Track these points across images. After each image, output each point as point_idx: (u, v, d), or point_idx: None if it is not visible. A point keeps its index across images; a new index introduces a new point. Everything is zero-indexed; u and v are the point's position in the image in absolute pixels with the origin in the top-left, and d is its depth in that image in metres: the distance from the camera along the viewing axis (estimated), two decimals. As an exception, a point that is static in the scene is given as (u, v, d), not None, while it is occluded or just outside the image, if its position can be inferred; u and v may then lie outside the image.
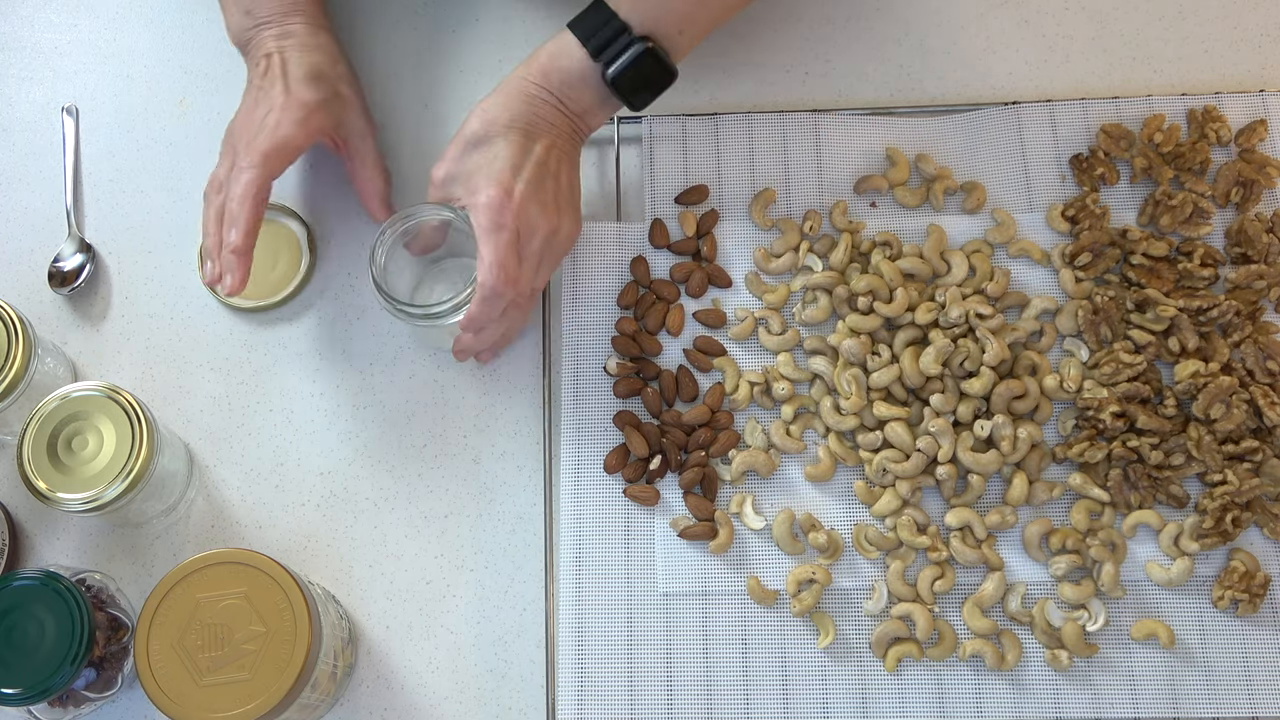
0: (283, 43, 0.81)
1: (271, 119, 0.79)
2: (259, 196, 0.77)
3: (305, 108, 0.79)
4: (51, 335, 0.87)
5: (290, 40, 0.81)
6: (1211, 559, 0.80)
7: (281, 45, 0.81)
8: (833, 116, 0.90)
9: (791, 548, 0.80)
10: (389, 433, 0.85)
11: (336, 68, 0.83)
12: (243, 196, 0.77)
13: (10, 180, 0.92)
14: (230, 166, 0.79)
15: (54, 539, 0.83)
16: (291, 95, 0.79)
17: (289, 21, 0.82)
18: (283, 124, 0.78)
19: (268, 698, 0.67)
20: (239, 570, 0.69)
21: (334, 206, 0.90)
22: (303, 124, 0.79)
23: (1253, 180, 0.86)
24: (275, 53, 0.81)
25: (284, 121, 0.78)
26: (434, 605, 0.81)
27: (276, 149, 0.78)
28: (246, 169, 0.77)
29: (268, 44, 0.81)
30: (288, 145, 0.78)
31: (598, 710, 0.78)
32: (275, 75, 0.80)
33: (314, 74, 0.81)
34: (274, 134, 0.78)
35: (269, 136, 0.78)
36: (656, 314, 0.85)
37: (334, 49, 0.84)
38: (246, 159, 0.78)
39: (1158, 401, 0.82)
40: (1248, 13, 0.95)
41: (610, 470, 0.82)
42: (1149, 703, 0.77)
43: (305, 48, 0.82)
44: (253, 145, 0.78)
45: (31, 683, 0.70)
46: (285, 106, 0.79)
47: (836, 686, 0.78)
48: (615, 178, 0.90)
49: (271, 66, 0.81)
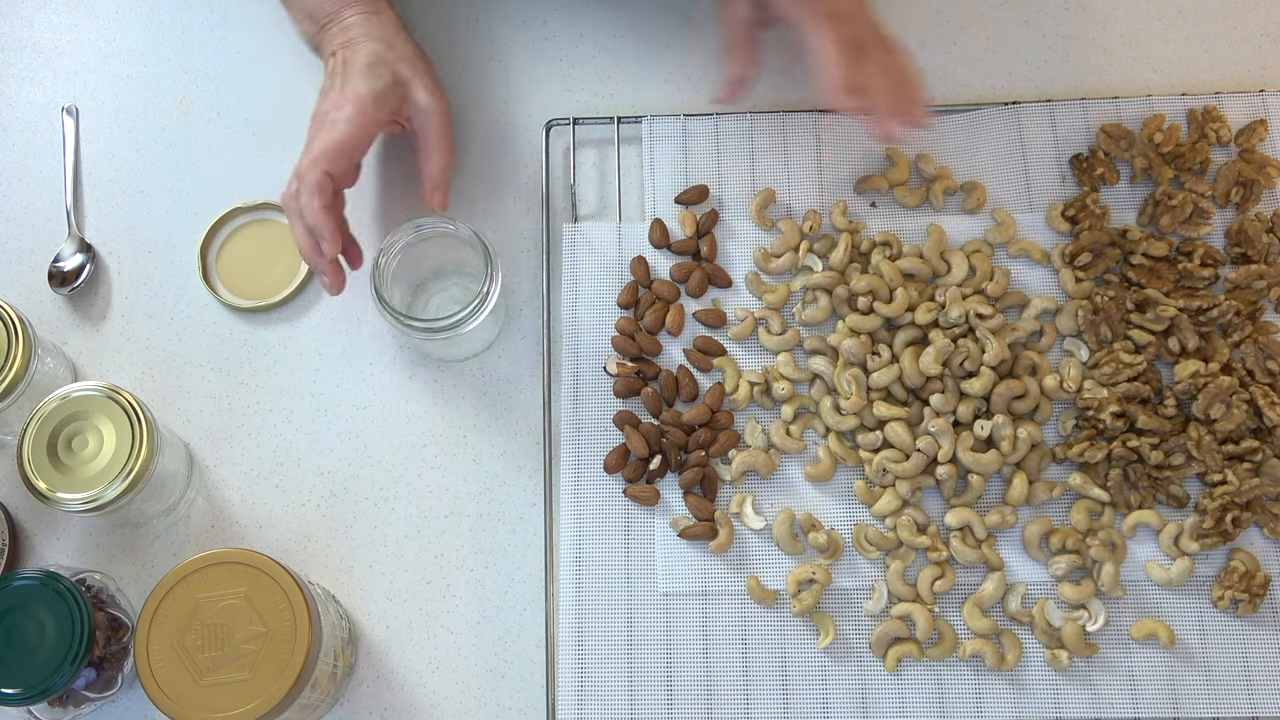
0: (345, 37, 0.82)
1: (330, 117, 0.80)
2: (324, 198, 0.78)
3: (359, 101, 0.80)
4: (51, 335, 0.87)
5: (350, 34, 0.82)
6: (1211, 559, 0.80)
7: (343, 41, 0.82)
8: (833, 116, 0.90)
9: (791, 548, 0.80)
10: (389, 433, 0.85)
11: (394, 49, 0.83)
12: (310, 205, 0.78)
13: (10, 180, 0.92)
14: (307, 151, 0.80)
15: (54, 539, 0.83)
16: (347, 90, 0.80)
17: (346, 16, 0.83)
18: (338, 122, 0.79)
19: (268, 698, 0.67)
20: (239, 570, 0.69)
21: (334, 206, 0.90)
22: (356, 119, 0.80)
23: (1253, 180, 0.86)
24: (339, 49, 0.82)
25: (339, 120, 0.79)
26: (434, 605, 0.81)
27: (330, 150, 0.79)
28: (307, 172, 0.79)
29: (332, 42, 0.83)
30: (344, 143, 0.79)
31: (598, 710, 0.78)
32: (337, 73, 0.82)
33: (370, 63, 0.81)
34: (329, 134, 0.79)
35: (324, 137, 0.79)
36: (656, 314, 0.85)
37: (390, 29, 0.84)
38: (304, 162, 0.79)
39: (1158, 401, 0.82)
40: (1248, 13, 0.95)
41: (610, 470, 0.82)
42: (1149, 703, 0.77)
43: (363, 38, 0.82)
44: (310, 148, 0.80)
45: (31, 683, 0.70)
46: (339, 104, 0.80)
47: (836, 686, 0.78)
48: (615, 178, 0.90)
49: (335, 66, 0.82)
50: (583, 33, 0.95)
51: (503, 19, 0.95)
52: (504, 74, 0.94)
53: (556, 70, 0.94)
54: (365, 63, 0.81)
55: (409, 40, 0.85)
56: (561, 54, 0.94)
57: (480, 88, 0.93)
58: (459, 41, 0.95)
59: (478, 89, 0.93)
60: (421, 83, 0.83)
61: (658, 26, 0.95)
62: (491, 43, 0.95)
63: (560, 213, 0.89)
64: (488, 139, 0.92)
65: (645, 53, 0.94)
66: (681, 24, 0.95)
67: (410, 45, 0.85)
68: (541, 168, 0.90)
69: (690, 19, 0.95)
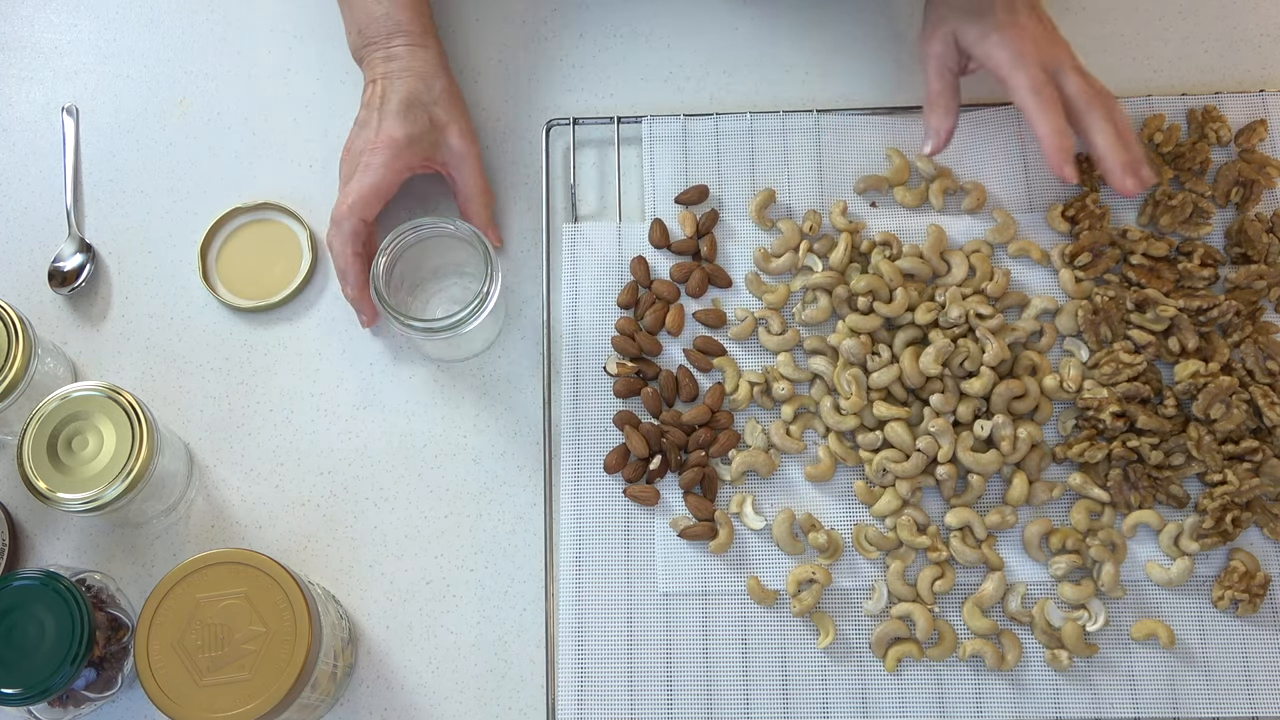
0: (387, 66, 0.83)
1: (364, 160, 0.81)
2: (357, 245, 0.81)
3: (393, 146, 0.81)
4: (51, 335, 0.87)
5: (393, 64, 0.83)
6: (1211, 559, 0.80)
7: (385, 71, 0.83)
8: (833, 116, 0.90)
9: (791, 548, 0.80)
10: (389, 433, 0.85)
11: (433, 90, 0.83)
12: (342, 252, 0.81)
13: (10, 180, 0.92)
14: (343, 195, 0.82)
15: (54, 539, 0.83)
16: (382, 133, 0.81)
17: (392, 43, 0.84)
18: (372, 166, 0.81)
19: (268, 698, 0.67)
20: (239, 570, 0.69)
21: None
22: (390, 165, 0.81)
23: (1253, 180, 0.86)
24: (379, 79, 0.83)
25: (373, 164, 0.81)
26: (434, 605, 0.81)
27: (365, 196, 0.80)
28: (343, 220, 0.81)
29: (375, 67, 0.84)
30: (378, 187, 0.81)
31: (598, 710, 0.78)
32: (374, 106, 0.83)
33: (407, 103, 0.82)
34: (363, 179, 0.81)
35: (359, 182, 0.81)
36: (656, 314, 0.85)
37: (432, 67, 0.84)
38: (341, 209, 0.81)
39: (1158, 401, 0.82)
40: (1248, 13, 0.95)
41: (610, 470, 0.82)
42: (1149, 703, 0.77)
43: (404, 72, 0.83)
44: (346, 193, 0.81)
45: (31, 683, 0.70)
46: (375, 147, 0.81)
47: (836, 686, 0.78)
48: (615, 178, 0.90)
49: (374, 95, 0.83)
50: (583, 33, 0.95)
51: (503, 19, 0.96)
52: (504, 74, 0.94)
53: (556, 70, 0.94)
54: (402, 103, 0.82)
55: (449, 79, 0.85)
56: (561, 54, 0.94)
57: (480, 88, 0.93)
58: (459, 41, 0.95)
59: (478, 89, 0.93)
60: (456, 127, 0.84)
61: (658, 26, 0.95)
62: (491, 43, 0.95)
63: (560, 213, 0.89)
64: (488, 139, 0.92)
65: (645, 53, 0.94)
66: (681, 24, 0.95)
67: (449, 84, 0.85)
68: (541, 168, 0.90)
69: (690, 18, 0.95)
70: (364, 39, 0.85)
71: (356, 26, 0.85)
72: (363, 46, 0.85)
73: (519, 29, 0.95)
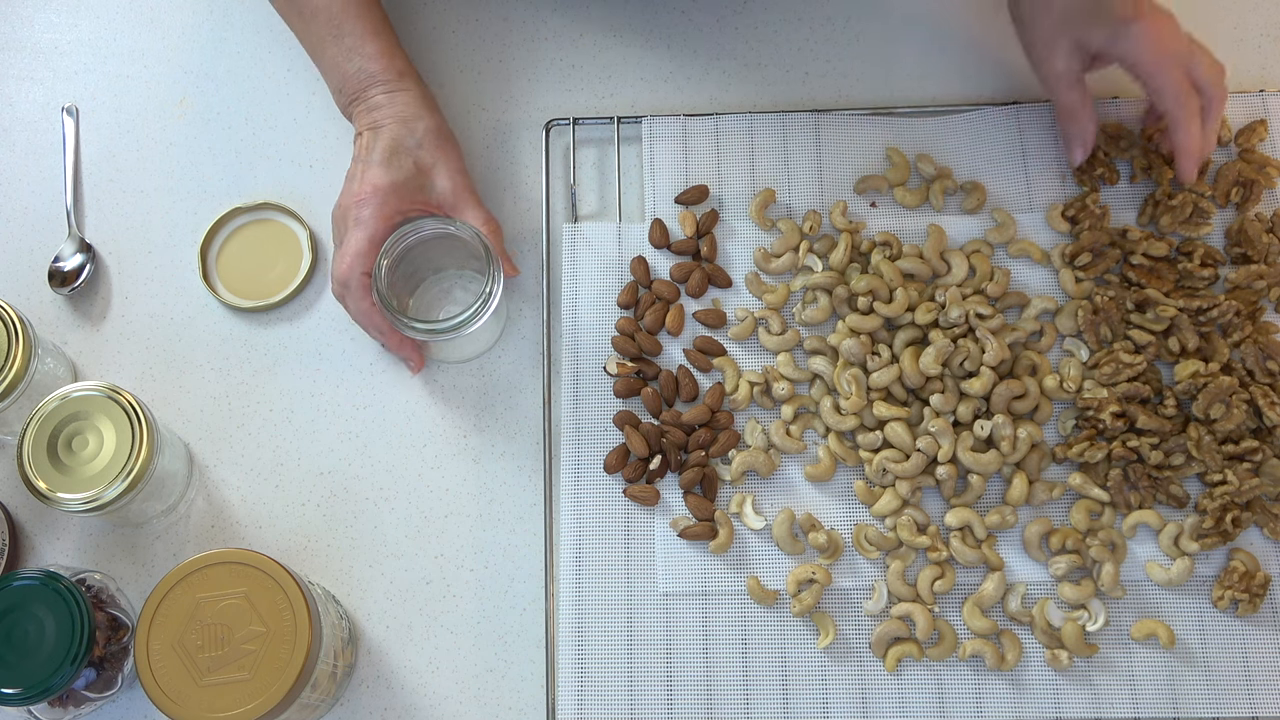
0: (370, 117, 0.83)
1: (353, 215, 0.81)
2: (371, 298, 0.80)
3: (379, 194, 0.80)
4: (51, 335, 0.87)
5: (375, 114, 0.83)
6: (1211, 559, 0.80)
7: (370, 121, 0.83)
8: (833, 116, 0.90)
9: (791, 548, 0.80)
10: (389, 433, 0.85)
11: (416, 133, 0.82)
12: (361, 307, 0.80)
13: (10, 180, 0.92)
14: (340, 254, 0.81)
15: (54, 539, 0.83)
16: (366, 183, 0.81)
17: (370, 95, 0.83)
18: (362, 219, 0.80)
19: (268, 698, 0.67)
20: (239, 570, 0.69)
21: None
22: (379, 213, 0.80)
23: (1253, 180, 0.86)
24: (365, 130, 0.83)
25: (363, 217, 0.80)
26: (434, 605, 0.81)
27: (362, 250, 0.80)
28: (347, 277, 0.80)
29: (360, 120, 0.84)
30: (372, 240, 0.80)
31: (598, 710, 0.78)
32: (360, 158, 0.83)
33: (391, 150, 0.82)
34: (356, 234, 0.80)
35: (353, 238, 0.80)
36: (656, 314, 0.85)
37: (413, 109, 0.83)
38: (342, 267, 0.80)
39: (1158, 401, 0.82)
40: (1248, 13, 0.95)
41: (610, 470, 0.82)
42: (1149, 703, 0.77)
43: (388, 120, 0.83)
44: (344, 249, 0.80)
45: (31, 683, 0.70)
46: (361, 200, 0.81)
47: (836, 686, 0.78)
48: (615, 178, 0.90)
49: (361, 148, 0.83)
50: (583, 33, 0.95)
51: (503, 19, 0.96)
52: (504, 74, 0.94)
53: (556, 70, 0.94)
54: (385, 151, 0.81)
55: (434, 118, 0.84)
56: (561, 54, 0.94)
57: (480, 88, 0.93)
58: (459, 41, 0.95)
59: (478, 89, 0.93)
60: (444, 169, 0.83)
61: (658, 26, 0.95)
62: (491, 43, 0.95)
63: (560, 213, 0.89)
64: (488, 139, 0.92)
65: (645, 53, 0.94)
66: (681, 24, 0.95)
67: (433, 123, 0.83)
68: (541, 168, 0.90)
69: (689, 18, 0.95)
70: (345, 97, 0.84)
71: (336, 87, 0.85)
72: (346, 105, 0.85)
73: (519, 29, 0.95)
